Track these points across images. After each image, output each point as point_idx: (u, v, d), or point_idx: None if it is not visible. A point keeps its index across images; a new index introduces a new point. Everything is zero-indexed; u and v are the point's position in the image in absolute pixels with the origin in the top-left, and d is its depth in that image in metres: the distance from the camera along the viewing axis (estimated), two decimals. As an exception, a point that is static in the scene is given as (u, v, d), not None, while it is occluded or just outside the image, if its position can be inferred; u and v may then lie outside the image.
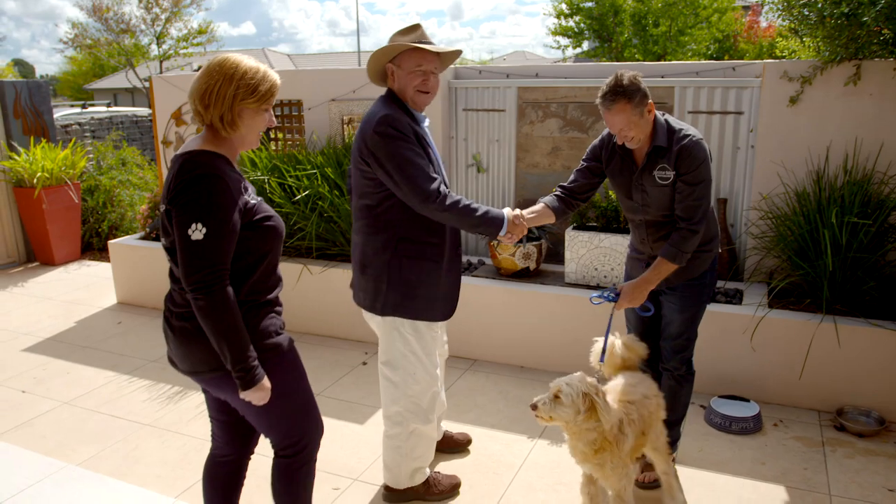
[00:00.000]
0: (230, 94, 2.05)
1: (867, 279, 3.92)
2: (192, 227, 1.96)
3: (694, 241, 2.82)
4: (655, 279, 2.88)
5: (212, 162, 2.04)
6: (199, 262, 1.97)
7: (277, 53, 38.25)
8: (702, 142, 2.83)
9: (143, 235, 6.12)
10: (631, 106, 2.72)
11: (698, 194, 2.80)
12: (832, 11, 3.64)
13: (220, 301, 1.99)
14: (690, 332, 3.12)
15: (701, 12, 21.49)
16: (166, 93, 6.33)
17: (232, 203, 2.02)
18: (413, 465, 3.13)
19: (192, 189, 1.98)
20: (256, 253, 2.13)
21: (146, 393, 4.37)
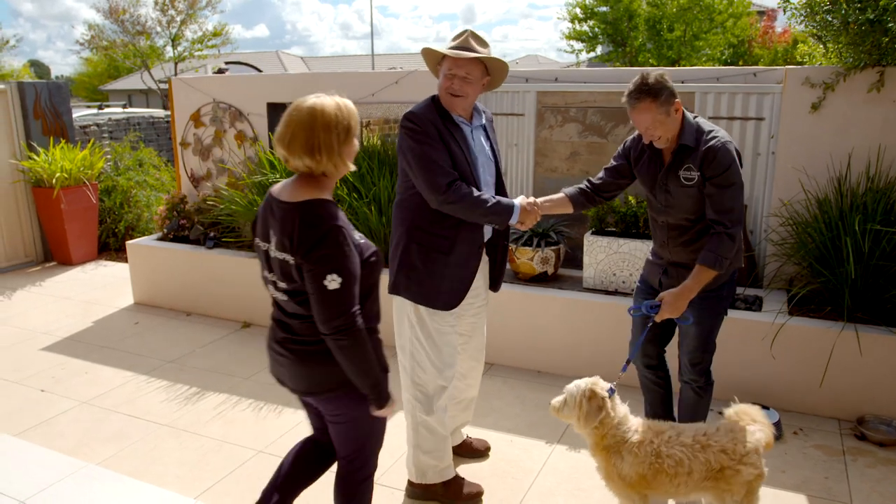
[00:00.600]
0: (334, 143, 2.18)
1: (889, 287, 3.89)
2: (328, 278, 2.10)
3: (731, 246, 2.77)
4: (696, 287, 2.82)
5: (332, 212, 2.18)
6: (339, 309, 2.13)
7: (291, 56, 38.43)
8: (730, 144, 2.81)
9: (161, 236, 6.16)
10: (656, 105, 2.74)
11: (730, 197, 2.77)
12: (857, 18, 3.61)
13: (361, 339, 2.18)
14: (707, 345, 3.07)
15: (716, 17, 21.40)
16: (185, 94, 6.37)
17: (354, 251, 2.18)
18: (423, 459, 3.17)
19: (324, 243, 2.11)
20: (366, 286, 2.29)
21: (164, 393, 4.39)
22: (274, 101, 6.04)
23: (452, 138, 2.91)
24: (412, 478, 3.26)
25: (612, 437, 2.63)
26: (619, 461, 2.61)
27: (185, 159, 6.48)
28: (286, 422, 4.00)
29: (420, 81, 5.49)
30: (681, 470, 2.57)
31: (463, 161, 2.92)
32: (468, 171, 2.94)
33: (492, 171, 3.12)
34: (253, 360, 4.88)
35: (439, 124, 2.89)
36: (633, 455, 2.58)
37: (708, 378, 3.16)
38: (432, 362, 3.07)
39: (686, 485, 2.60)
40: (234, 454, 3.66)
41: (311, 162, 2.18)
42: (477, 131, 3.06)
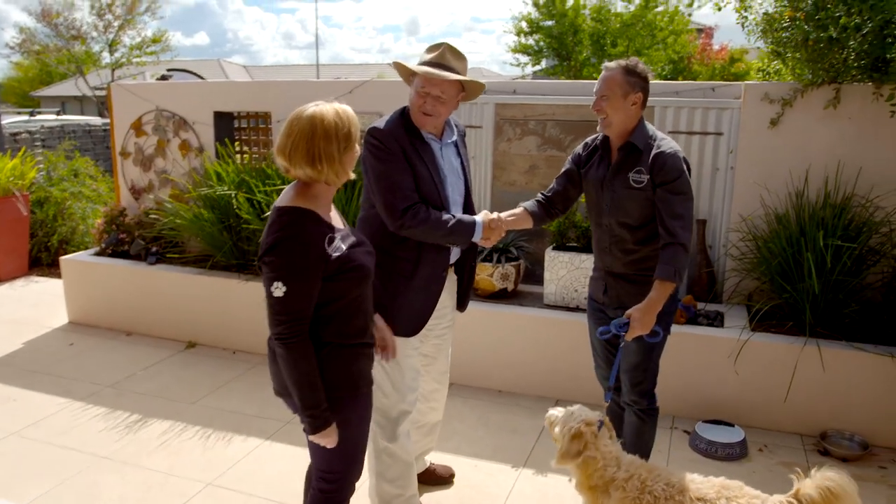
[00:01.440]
0: (335, 151, 2.14)
1: (849, 302, 3.91)
2: (275, 284, 2.08)
3: (686, 257, 2.72)
4: (660, 300, 2.71)
5: (298, 220, 2.13)
6: (279, 318, 2.11)
7: (233, 64, 37.71)
8: (679, 154, 2.78)
9: (99, 251, 5.81)
10: (621, 78, 2.73)
11: (681, 204, 2.73)
12: (818, 35, 3.63)
13: (296, 353, 2.12)
14: (649, 363, 2.95)
15: (658, 34, 21.94)
16: (126, 101, 6.04)
17: (312, 261, 2.11)
18: (386, 488, 3.01)
19: (276, 249, 2.09)
20: (343, 299, 2.22)
21: (102, 422, 4.09)
22: (221, 110, 5.78)
23: (419, 157, 2.77)
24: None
25: (600, 478, 2.48)
26: (607, 500, 2.45)
27: (125, 170, 6.15)
28: (236, 451, 3.77)
29: (374, 92, 5.33)
30: None
31: (429, 181, 2.79)
32: (434, 192, 2.80)
33: (461, 190, 2.98)
34: (199, 384, 4.62)
35: (405, 142, 2.75)
36: (620, 490, 2.43)
37: (651, 401, 3.02)
38: (395, 386, 2.92)
39: None
40: (181, 488, 3.41)
41: (313, 172, 2.15)
42: (447, 148, 2.92)
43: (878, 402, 3.76)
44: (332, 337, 2.22)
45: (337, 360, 2.23)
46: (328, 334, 2.21)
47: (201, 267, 5.32)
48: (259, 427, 4.02)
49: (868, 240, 3.92)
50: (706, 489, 2.38)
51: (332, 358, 2.21)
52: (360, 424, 2.37)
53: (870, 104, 4.04)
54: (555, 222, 4.54)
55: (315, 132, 2.11)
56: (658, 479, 2.44)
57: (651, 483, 2.42)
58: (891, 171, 4.08)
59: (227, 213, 5.02)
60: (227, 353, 5.16)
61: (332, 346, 2.22)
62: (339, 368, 2.24)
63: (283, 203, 2.18)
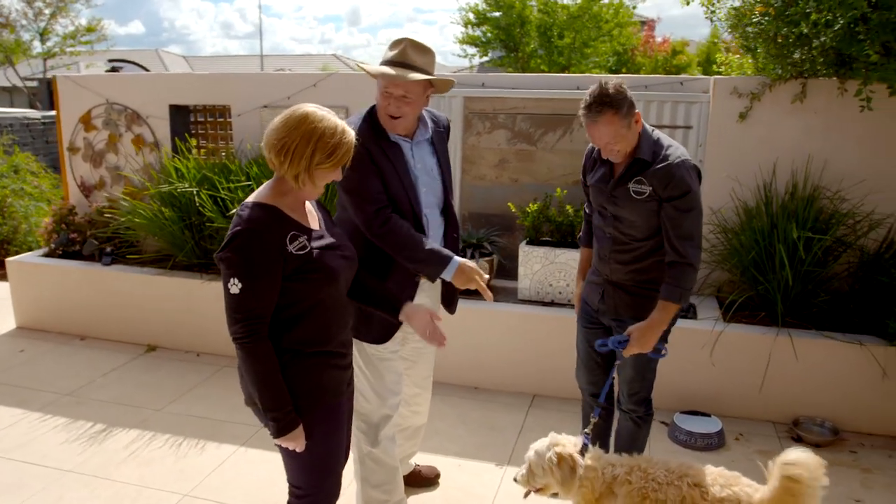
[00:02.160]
0: (307, 155, 2.04)
1: (818, 292, 4.01)
2: (231, 281, 2.00)
3: (693, 277, 2.66)
4: (664, 320, 2.67)
5: (257, 216, 2.04)
6: (236, 316, 2.02)
7: (172, 55, 36.54)
8: (688, 162, 2.65)
9: (48, 252, 5.52)
10: (619, 117, 2.54)
11: (691, 223, 2.63)
12: (790, 31, 3.69)
13: (253, 352, 2.03)
14: (646, 374, 2.94)
15: (603, 26, 22.22)
16: (73, 94, 5.74)
17: (270, 257, 2.03)
18: (372, 493, 2.94)
19: (233, 244, 2.01)
20: (304, 302, 2.12)
21: (63, 433, 3.88)
22: (178, 104, 5.55)
23: (386, 159, 2.64)
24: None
25: (603, 485, 2.45)
26: (614, 501, 2.43)
27: (74, 166, 5.85)
28: (211, 458, 3.63)
29: (339, 85, 5.19)
30: (659, 496, 2.38)
31: (397, 185, 2.67)
32: (403, 196, 2.69)
33: (437, 191, 2.84)
34: (164, 389, 4.43)
35: (371, 143, 2.61)
36: (625, 485, 2.43)
37: (647, 408, 3.02)
38: (375, 391, 2.84)
39: None
40: (156, 501, 3.26)
41: (276, 161, 2.07)
42: (420, 147, 2.78)
43: (847, 389, 3.87)
44: (291, 343, 2.11)
45: (296, 369, 2.12)
46: (288, 340, 2.11)
47: (160, 267, 5.11)
48: (232, 433, 3.88)
49: (835, 231, 4.02)
50: (700, 477, 2.40)
51: (291, 367, 2.11)
52: (325, 439, 2.24)
53: (835, 99, 4.14)
54: (529, 217, 4.52)
55: (299, 126, 2.03)
56: (657, 466, 2.46)
57: (653, 470, 2.43)
58: (855, 165, 4.19)
59: (188, 211, 4.83)
60: (191, 356, 4.97)
61: (293, 353, 2.12)
62: (299, 378, 2.13)
63: (250, 199, 2.11)
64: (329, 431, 2.24)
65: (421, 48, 2.65)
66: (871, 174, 4.16)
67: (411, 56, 2.62)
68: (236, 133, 5.38)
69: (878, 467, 3.60)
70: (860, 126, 4.15)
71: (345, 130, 2.08)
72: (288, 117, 2.05)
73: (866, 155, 4.20)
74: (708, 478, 2.40)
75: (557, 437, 2.55)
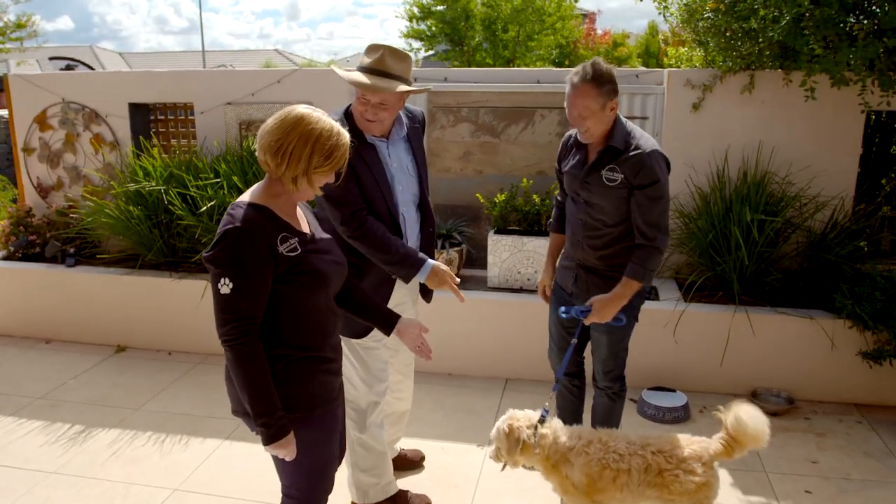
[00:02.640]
0: (305, 157, 2.02)
1: (771, 271, 4.27)
2: (221, 281, 1.96)
3: (659, 260, 2.85)
4: (626, 295, 2.85)
5: (249, 216, 2.02)
6: (226, 317, 1.98)
7: (108, 52, 35.44)
8: (658, 151, 2.81)
9: (6, 255, 5.40)
10: (597, 93, 2.69)
11: (659, 211, 2.80)
12: (739, 26, 3.92)
13: (243, 355, 1.98)
14: (619, 352, 3.12)
15: (546, 19, 22.55)
16: (27, 93, 5.62)
17: (260, 257, 2.00)
18: (363, 478, 3.05)
19: (223, 244, 1.98)
20: (293, 305, 2.09)
21: (41, 436, 3.85)
22: (137, 102, 5.50)
23: (362, 161, 2.71)
24: (355, 499, 3.11)
25: (556, 453, 2.63)
26: (570, 469, 2.61)
27: (30, 167, 5.73)
28: (196, 453, 3.66)
29: (303, 81, 5.24)
30: (622, 466, 2.58)
31: (372, 184, 2.75)
32: (379, 197, 2.78)
33: (413, 189, 2.93)
34: (138, 388, 4.42)
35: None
36: (582, 456, 2.59)
37: (622, 385, 3.21)
38: (362, 378, 2.95)
39: (628, 486, 2.58)
40: (146, 497, 3.28)
41: (272, 162, 2.04)
42: (396, 146, 2.86)
43: (800, 361, 4.15)
44: (284, 349, 2.08)
45: (289, 375, 2.09)
46: (279, 346, 2.08)
47: (126, 267, 5.07)
48: (214, 427, 3.92)
49: (785, 213, 4.29)
50: (662, 443, 2.62)
51: (283, 373, 2.07)
52: (319, 447, 2.22)
53: (781, 89, 4.41)
54: (497, 207, 4.66)
55: (296, 128, 2.01)
56: (618, 439, 2.65)
57: (613, 443, 2.62)
58: (801, 151, 4.48)
59: (155, 210, 4.81)
60: (163, 355, 4.96)
61: (287, 360, 2.09)
62: (292, 385, 2.09)
63: (242, 198, 2.10)
64: (323, 440, 2.22)
65: (398, 55, 2.70)
66: (815, 160, 4.45)
67: (389, 63, 2.67)
68: (199, 130, 5.37)
69: (831, 431, 3.88)
70: (805, 115, 4.43)
71: (340, 132, 2.07)
72: (283, 119, 2.02)
73: (811, 142, 4.49)
74: (668, 444, 2.62)
75: (514, 413, 2.71)
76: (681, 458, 2.56)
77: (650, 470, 2.55)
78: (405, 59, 2.72)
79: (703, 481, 2.53)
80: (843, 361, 4.08)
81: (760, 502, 3.24)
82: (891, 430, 3.88)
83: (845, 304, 3.95)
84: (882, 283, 3.93)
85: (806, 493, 3.31)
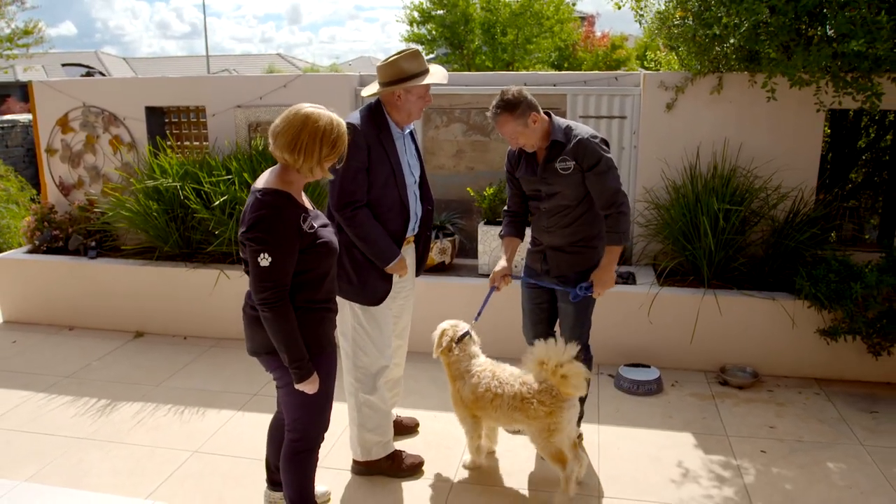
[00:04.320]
0: (317, 150, 2.45)
1: (737, 257, 4.65)
2: (261, 255, 2.39)
3: (627, 220, 3.27)
4: (613, 261, 3.30)
5: (276, 201, 2.45)
6: (265, 284, 2.42)
7: (112, 57, 35.94)
8: (594, 136, 3.25)
9: (31, 249, 5.80)
10: (513, 118, 3.15)
11: (611, 178, 3.23)
12: (705, 32, 4.30)
13: (282, 315, 2.45)
14: (584, 321, 3.52)
15: (545, 23, 22.91)
16: (49, 98, 6.03)
17: (291, 235, 2.44)
18: (368, 436, 3.42)
19: (260, 225, 2.40)
20: (314, 270, 2.56)
21: (71, 408, 4.24)
22: (153, 105, 5.90)
23: (384, 150, 3.16)
24: (357, 457, 3.48)
25: (457, 369, 3.32)
26: (463, 386, 3.28)
27: (52, 167, 6.13)
28: (212, 422, 4.05)
29: (308, 85, 5.64)
30: (499, 391, 3.16)
31: (389, 170, 3.18)
32: (395, 179, 3.20)
33: (417, 173, 3.40)
34: (157, 368, 4.81)
35: (373, 137, 3.13)
36: (474, 377, 3.23)
37: (587, 352, 3.58)
38: (375, 344, 3.33)
39: (500, 408, 3.15)
40: (169, 457, 3.67)
41: (290, 158, 2.47)
42: (407, 139, 3.34)
43: (764, 339, 4.52)
44: (302, 302, 2.54)
45: (306, 322, 2.55)
46: (299, 300, 2.53)
47: (144, 258, 5.46)
48: (228, 401, 4.30)
49: (750, 204, 4.67)
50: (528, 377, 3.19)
51: (302, 319, 2.53)
52: (326, 380, 2.68)
53: (746, 90, 4.79)
54: (486, 200, 5.05)
55: (305, 127, 2.42)
56: (504, 370, 3.27)
57: (500, 372, 3.25)
58: (765, 146, 4.86)
59: (172, 205, 5.20)
60: (178, 340, 5.35)
61: (303, 310, 2.54)
62: (308, 330, 2.56)
63: (262, 185, 2.50)
64: (330, 373, 2.71)
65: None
66: (778, 154, 4.84)
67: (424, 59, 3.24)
68: (211, 132, 5.77)
69: (790, 401, 4.25)
70: (769, 113, 4.82)
71: (340, 123, 2.50)
72: (291, 120, 2.44)
73: (774, 138, 4.87)
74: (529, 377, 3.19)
75: (454, 323, 3.45)
76: (537, 389, 3.11)
77: (517, 395, 3.13)
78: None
79: (550, 410, 3.08)
80: (803, 339, 4.45)
81: (720, 460, 3.61)
82: (845, 400, 4.25)
83: (804, 286, 4.32)
84: (836, 266, 4.30)
85: (761, 452, 3.68)
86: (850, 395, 4.32)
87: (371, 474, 3.49)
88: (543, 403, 3.07)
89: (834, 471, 3.49)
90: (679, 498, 3.28)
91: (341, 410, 3.99)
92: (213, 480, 3.46)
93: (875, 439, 3.79)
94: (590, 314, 3.52)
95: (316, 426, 2.77)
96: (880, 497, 3.27)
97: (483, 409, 3.25)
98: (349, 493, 3.37)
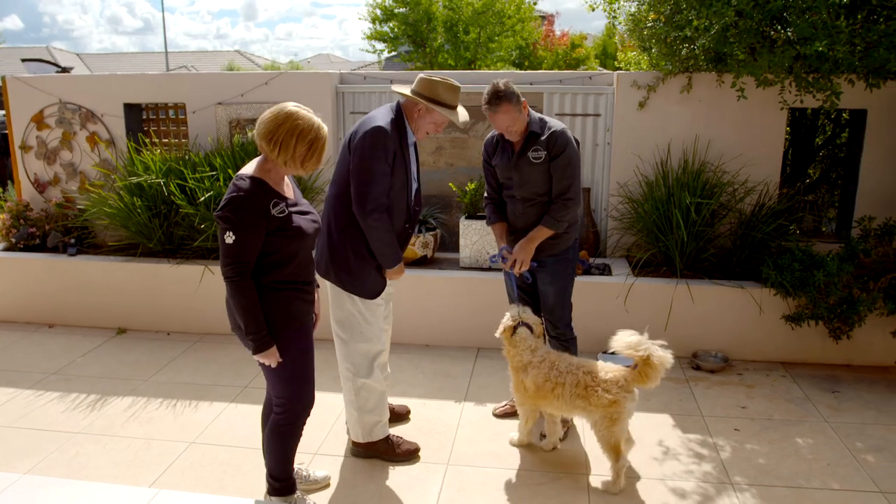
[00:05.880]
0: (292, 146, 2.63)
1: (708, 248, 4.89)
2: (227, 233, 2.61)
3: (566, 212, 3.52)
4: (537, 238, 3.56)
5: (248, 185, 2.65)
6: (228, 260, 2.64)
7: (65, 52, 35.05)
8: (567, 131, 3.52)
9: (8, 246, 5.75)
10: (512, 105, 3.41)
11: (570, 173, 3.49)
12: (677, 34, 4.52)
13: (241, 290, 2.66)
14: (565, 301, 3.77)
15: (506, 21, 23.16)
16: (24, 94, 5.97)
17: (257, 217, 2.62)
18: (367, 418, 3.56)
19: (229, 206, 2.62)
20: (279, 252, 2.74)
21: (61, 404, 4.26)
22: (131, 102, 5.90)
23: (403, 155, 3.31)
24: (359, 439, 3.59)
25: (518, 361, 3.47)
26: (526, 377, 3.41)
27: (27, 164, 6.08)
28: (205, 414, 4.11)
29: (289, 83, 5.71)
30: (560, 380, 3.32)
31: (401, 175, 3.32)
32: (405, 184, 3.36)
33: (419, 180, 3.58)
34: (144, 364, 4.85)
35: (397, 143, 3.28)
36: (536, 369, 3.38)
37: (571, 332, 3.83)
38: (371, 331, 3.48)
39: (562, 396, 3.31)
40: (166, 449, 3.74)
41: (267, 148, 2.66)
42: (412, 147, 3.50)
43: (733, 325, 4.77)
44: (269, 282, 2.73)
45: (273, 298, 2.74)
46: (267, 280, 2.72)
47: (126, 255, 5.47)
48: (219, 393, 4.37)
49: (719, 197, 4.92)
50: (592, 367, 3.36)
51: (268, 297, 2.73)
52: (300, 354, 2.86)
53: (715, 89, 5.04)
54: (468, 195, 5.20)
55: (285, 123, 2.61)
56: (563, 360, 3.42)
57: (559, 363, 3.39)
58: (733, 143, 5.12)
59: (155, 201, 5.23)
60: (162, 336, 5.38)
61: (268, 288, 2.72)
62: (275, 307, 2.75)
63: (242, 172, 2.72)
64: (302, 348, 2.89)
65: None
66: (745, 150, 5.10)
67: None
68: (192, 129, 5.79)
69: (759, 384, 4.51)
70: (736, 111, 5.07)
71: (320, 127, 2.67)
72: (277, 114, 2.63)
73: (741, 135, 5.13)
74: (597, 367, 3.36)
75: (520, 313, 3.53)
76: (604, 379, 3.28)
77: (579, 385, 3.28)
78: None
79: (614, 399, 3.23)
80: (770, 324, 4.71)
81: (697, 438, 3.83)
82: (809, 382, 4.52)
83: (770, 275, 4.57)
84: (800, 255, 4.56)
85: (735, 430, 3.91)
86: (813, 376, 4.60)
87: (369, 457, 3.61)
88: (608, 391, 3.22)
89: (802, 445, 3.74)
90: (662, 474, 3.48)
91: (336, 401, 4.12)
92: (212, 469, 3.54)
93: (838, 416, 4.06)
94: (568, 296, 3.78)
95: (301, 401, 2.95)
96: (845, 468, 3.52)
97: (545, 398, 3.40)
98: (348, 476, 3.49)
